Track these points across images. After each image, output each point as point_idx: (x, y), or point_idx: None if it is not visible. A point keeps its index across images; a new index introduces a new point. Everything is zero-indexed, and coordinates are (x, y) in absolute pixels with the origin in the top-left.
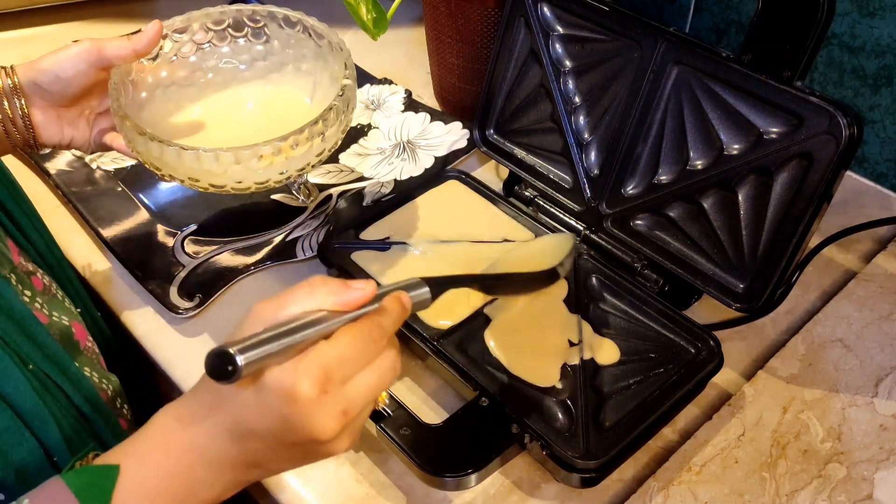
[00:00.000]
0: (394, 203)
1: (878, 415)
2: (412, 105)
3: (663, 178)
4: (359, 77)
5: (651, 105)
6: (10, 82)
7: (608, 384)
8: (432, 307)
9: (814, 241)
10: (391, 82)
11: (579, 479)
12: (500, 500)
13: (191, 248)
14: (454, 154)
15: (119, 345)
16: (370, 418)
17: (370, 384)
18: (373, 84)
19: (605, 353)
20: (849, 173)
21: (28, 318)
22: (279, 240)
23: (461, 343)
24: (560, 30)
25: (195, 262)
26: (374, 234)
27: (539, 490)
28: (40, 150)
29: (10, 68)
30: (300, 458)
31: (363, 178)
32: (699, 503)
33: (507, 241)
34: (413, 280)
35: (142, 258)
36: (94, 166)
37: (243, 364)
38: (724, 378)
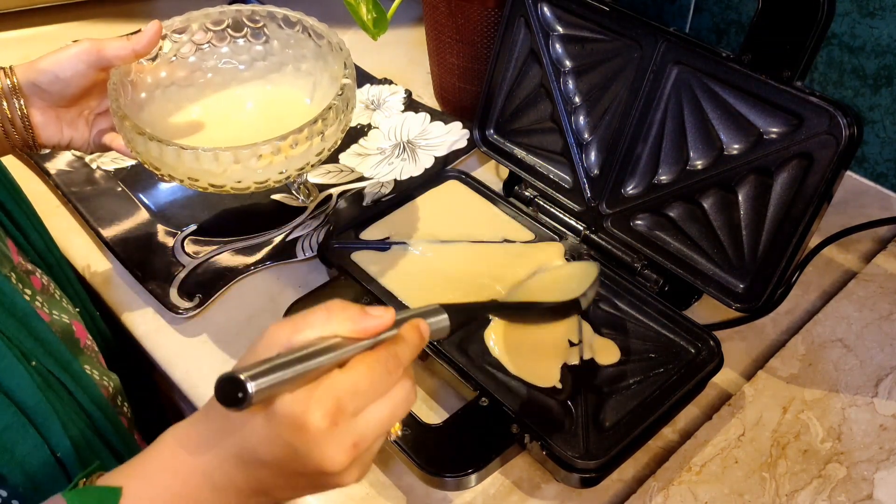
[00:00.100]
0: (394, 203)
1: (878, 415)
2: (412, 105)
3: (663, 178)
4: (359, 77)
5: (651, 105)
6: (9, 83)
7: (608, 384)
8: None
9: (814, 241)
10: (391, 82)
11: (579, 479)
12: (500, 500)
13: (191, 248)
14: (454, 154)
15: (118, 345)
16: None
17: (383, 416)
18: (373, 84)
19: (605, 353)
20: (849, 173)
21: (31, 315)
22: (279, 240)
23: (461, 343)
24: (560, 30)
25: (195, 262)
26: (374, 234)
27: (539, 490)
28: (39, 151)
29: (9, 69)
30: (308, 487)
31: (363, 178)
32: (699, 503)
33: (507, 241)
34: (432, 307)
35: (142, 258)
36: (94, 166)
37: (254, 391)
38: (724, 378)
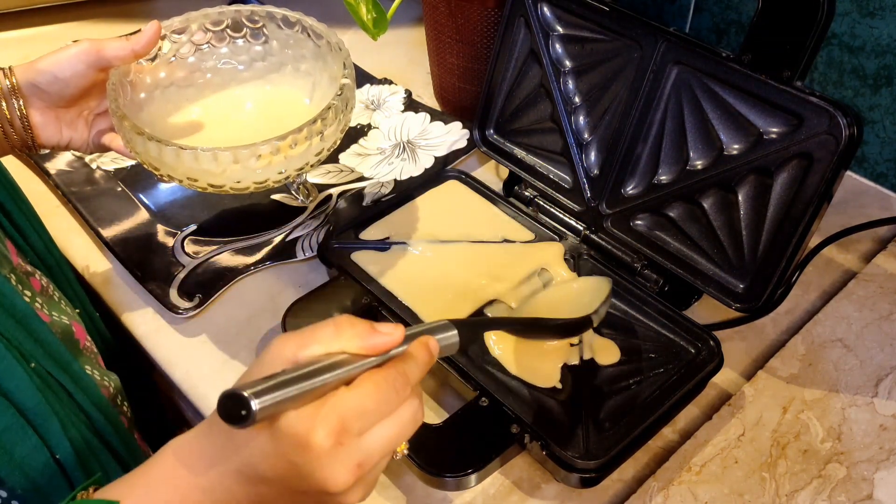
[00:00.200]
0: (394, 203)
1: (878, 415)
2: (412, 105)
3: (663, 178)
4: (359, 77)
5: (651, 105)
6: (8, 83)
7: (608, 384)
8: (431, 307)
9: (814, 241)
10: (391, 82)
11: (579, 479)
12: (500, 500)
13: (191, 248)
14: (454, 154)
15: (118, 345)
16: None
17: (389, 436)
18: (373, 84)
19: (605, 353)
20: (849, 173)
21: (30, 316)
22: (279, 240)
23: None
24: (560, 30)
25: (195, 262)
26: (373, 234)
27: (539, 490)
28: (39, 152)
29: (9, 69)
30: None
31: (363, 178)
32: (699, 503)
33: (507, 241)
34: (441, 322)
35: (142, 258)
36: (93, 166)
37: (258, 409)
38: (724, 378)
